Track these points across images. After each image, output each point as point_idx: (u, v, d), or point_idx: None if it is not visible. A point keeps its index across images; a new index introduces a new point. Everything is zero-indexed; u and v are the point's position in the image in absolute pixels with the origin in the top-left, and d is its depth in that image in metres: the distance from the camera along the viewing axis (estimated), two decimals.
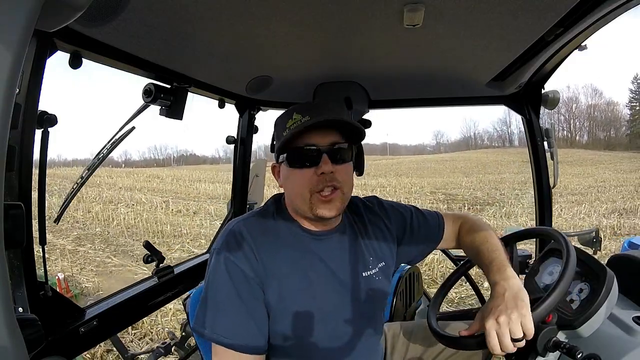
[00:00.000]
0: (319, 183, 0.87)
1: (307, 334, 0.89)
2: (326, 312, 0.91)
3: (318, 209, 0.88)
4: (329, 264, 0.93)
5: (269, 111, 1.80)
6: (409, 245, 1.10)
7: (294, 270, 0.89)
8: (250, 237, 0.88)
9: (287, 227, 0.94)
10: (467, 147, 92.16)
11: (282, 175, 0.95)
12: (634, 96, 58.47)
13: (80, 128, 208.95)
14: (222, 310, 0.84)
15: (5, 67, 0.32)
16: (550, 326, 0.87)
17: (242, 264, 0.85)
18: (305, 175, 0.88)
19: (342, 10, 0.83)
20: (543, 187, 1.58)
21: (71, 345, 0.96)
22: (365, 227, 1.04)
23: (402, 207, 1.14)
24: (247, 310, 0.84)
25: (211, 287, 0.86)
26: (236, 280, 0.84)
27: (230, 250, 0.86)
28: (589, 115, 67.37)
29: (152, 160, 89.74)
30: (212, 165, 69.32)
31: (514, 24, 0.89)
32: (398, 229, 1.09)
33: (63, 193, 12.08)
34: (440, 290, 1.13)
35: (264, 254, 0.87)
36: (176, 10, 0.80)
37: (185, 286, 1.46)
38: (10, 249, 0.77)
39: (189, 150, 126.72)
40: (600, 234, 1.75)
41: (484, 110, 25.20)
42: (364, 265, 0.98)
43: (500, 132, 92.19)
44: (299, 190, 0.89)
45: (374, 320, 1.01)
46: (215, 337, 0.83)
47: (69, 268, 5.46)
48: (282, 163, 0.93)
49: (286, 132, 0.87)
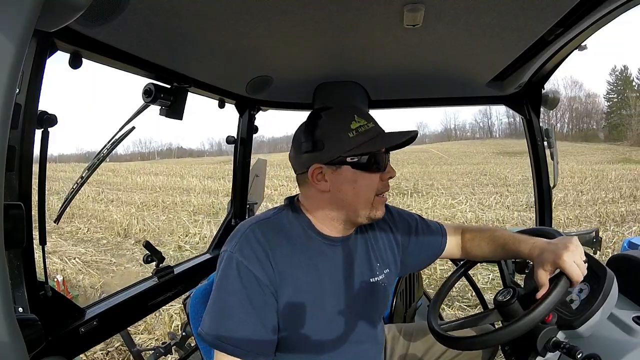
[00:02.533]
0: (384, 187, 0.92)
1: (314, 341, 0.88)
2: (335, 318, 0.90)
3: (377, 211, 0.91)
4: (341, 270, 0.92)
5: (269, 111, 1.81)
6: (412, 254, 1.09)
7: (308, 276, 0.87)
8: (265, 241, 0.85)
9: (304, 231, 0.91)
10: (448, 138, 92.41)
11: (337, 179, 0.88)
12: (611, 88, 58.77)
13: (79, 127, 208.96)
14: (230, 316, 0.81)
15: (5, 67, 0.32)
16: (550, 326, 0.87)
17: (256, 270, 0.82)
18: (374, 180, 0.89)
19: (342, 10, 0.83)
20: (543, 187, 1.58)
21: (71, 345, 0.96)
22: (375, 233, 1.03)
23: (408, 215, 1.13)
24: (257, 317, 0.81)
25: (221, 292, 0.83)
26: (249, 287, 0.81)
27: (244, 255, 0.83)
28: (569, 107, 67.39)
29: (136, 153, 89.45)
30: (195, 158, 70.17)
31: (514, 24, 0.89)
32: (403, 236, 1.08)
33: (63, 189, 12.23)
34: (441, 291, 1.13)
35: (279, 259, 0.84)
36: (176, 10, 0.80)
37: (185, 286, 1.46)
38: (10, 249, 0.77)
39: (173, 144, 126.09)
40: (600, 233, 1.75)
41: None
42: (371, 271, 0.97)
43: (482, 124, 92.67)
44: (367, 194, 0.89)
45: (377, 327, 1.01)
46: (219, 344, 0.80)
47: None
48: (342, 165, 0.87)
49: (353, 134, 0.85)
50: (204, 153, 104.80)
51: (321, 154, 0.86)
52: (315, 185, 0.88)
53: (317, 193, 0.90)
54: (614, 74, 57.98)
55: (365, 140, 0.86)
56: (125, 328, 1.26)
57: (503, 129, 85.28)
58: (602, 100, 62.15)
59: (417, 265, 1.16)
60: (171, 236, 7.19)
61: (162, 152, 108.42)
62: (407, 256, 1.09)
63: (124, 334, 1.64)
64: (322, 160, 0.87)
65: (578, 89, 72.21)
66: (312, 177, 0.88)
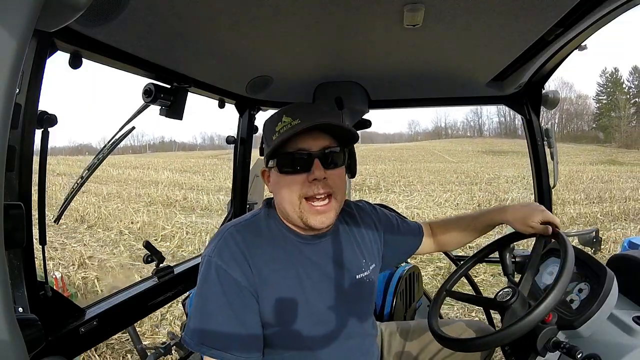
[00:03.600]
0: (311, 189, 0.84)
1: (301, 339, 0.89)
2: (321, 316, 0.91)
3: (309, 218, 0.86)
4: (322, 267, 0.93)
5: (269, 111, 1.81)
6: (392, 249, 1.12)
7: (287, 276, 0.88)
8: (243, 243, 0.85)
9: (280, 232, 0.92)
10: (438, 136, 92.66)
11: (272, 181, 0.91)
12: (601, 90, 58.61)
13: (78, 127, 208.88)
14: (212, 321, 0.81)
15: (5, 67, 0.32)
16: (550, 326, 0.87)
17: (235, 273, 0.82)
18: (296, 181, 0.85)
19: (342, 10, 0.83)
20: (543, 187, 1.58)
21: (71, 345, 0.95)
22: (359, 229, 1.04)
23: (388, 211, 1.18)
24: (237, 320, 0.82)
25: (201, 297, 0.83)
26: (228, 290, 0.82)
27: (223, 258, 0.83)
28: (560, 108, 67.39)
29: (128, 147, 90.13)
30: (187, 152, 71.03)
31: (514, 24, 0.89)
32: (386, 231, 1.10)
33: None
34: (441, 291, 1.13)
35: (258, 260, 0.85)
36: (176, 10, 0.80)
37: (185, 286, 1.46)
38: (10, 249, 0.77)
39: (165, 137, 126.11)
40: (599, 233, 1.75)
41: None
42: (357, 267, 0.98)
43: (472, 123, 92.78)
44: (289, 197, 0.86)
45: (367, 321, 1.02)
46: (202, 349, 0.80)
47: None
48: (272, 168, 0.89)
49: (276, 135, 0.84)
50: (195, 147, 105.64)
51: (264, 158, 0.91)
52: (268, 187, 0.94)
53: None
54: (604, 76, 57.88)
55: (279, 142, 0.82)
56: (126, 328, 1.26)
57: (494, 128, 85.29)
58: (591, 102, 62.18)
59: (395, 261, 1.20)
60: (118, 223, 8.03)
61: (154, 146, 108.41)
62: (387, 251, 1.11)
63: (130, 330, 1.66)
64: (264, 163, 0.91)
65: (568, 90, 72.26)
66: (263, 179, 0.94)
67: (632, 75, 54.14)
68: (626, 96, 53.58)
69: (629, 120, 49.51)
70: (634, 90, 53.09)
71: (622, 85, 55.01)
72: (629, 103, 52.57)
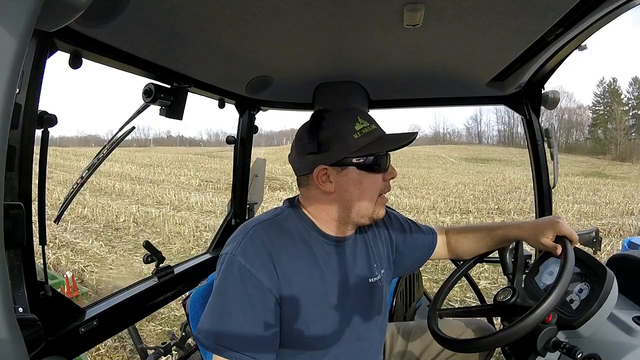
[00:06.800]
0: (386, 187, 0.94)
1: (317, 340, 0.88)
2: (337, 317, 0.90)
3: (380, 210, 0.93)
4: (343, 270, 0.93)
5: (269, 111, 1.81)
6: (405, 255, 1.11)
7: (312, 276, 0.87)
8: (270, 242, 0.83)
9: (307, 232, 0.91)
10: (435, 142, 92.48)
11: (343, 180, 0.88)
12: (598, 100, 57.13)
13: (78, 127, 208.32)
14: (231, 322, 0.79)
15: (5, 67, 0.32)
16: (550, 326, 0.87)
17: (259, 273, 0.80)
18: (378, 180, 0.91)
19: (342, 10, 0.83)
20: (543, 187, 1.58)
21: (71, 345, 0.95)
22: (373, 233, 1.04)
23: (401, 216, 1.16)
24: (259, 321, 0.80)
25: (221, 296, 0.81)
26: (251, 291, 0.80)
27: (247, 258, 0.81)
28: (558, 117, 66.84)
29: (134, 139, 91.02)
30: (188, 147, 71.95)
31: (514, 24, 0.89)
32: (398, 237, 1.09)
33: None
34: (441, 291, 1.13)
35: (283, 261, 0.83)
36: (176, 10, 0.80)
37: (185, 286, 1.46)
38: (10, 249, 0.77)
39: (172, 132, 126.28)
40: (600, 233, 1.75)
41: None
42: (370, 271, 0.98)
43: (470, 129, 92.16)
44: (371, 194, 0.90)
45: (378, 323, 1.01)
46: (217, 348, 0.78)
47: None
48: (348, 166, 0.87)
49: (357, 135, 0.86)
50: (199, 142, 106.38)
51: (326, 156, 0.87)
52: (320, 187, 0.88)
53: (320, 194, 0.90)
54: (601, 86, 56.45)
55: (369, 142, 0.87)
56: (126, 328, 1.26)
57: (493, 135, 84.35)
58: (588, 112, 61.24)
59: (409, 267, 1.17)
60: (83, 209, 9.06)
61: (159, 140, 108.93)
62: (400, 257, 1.10)
63: (131, 330, 1.66)
64: (327, 161, 0.87)
65: (567, 100, 71.65)
66: (317, 179, 0.88)
67: (631, 87, 53.24)
68: (624, 107, 52.46)
69: (626, 133, 48.51)
70: (634, 102, 52.10)
71: (621, 97, 54.07)
72: (627, 115, 51.64)
